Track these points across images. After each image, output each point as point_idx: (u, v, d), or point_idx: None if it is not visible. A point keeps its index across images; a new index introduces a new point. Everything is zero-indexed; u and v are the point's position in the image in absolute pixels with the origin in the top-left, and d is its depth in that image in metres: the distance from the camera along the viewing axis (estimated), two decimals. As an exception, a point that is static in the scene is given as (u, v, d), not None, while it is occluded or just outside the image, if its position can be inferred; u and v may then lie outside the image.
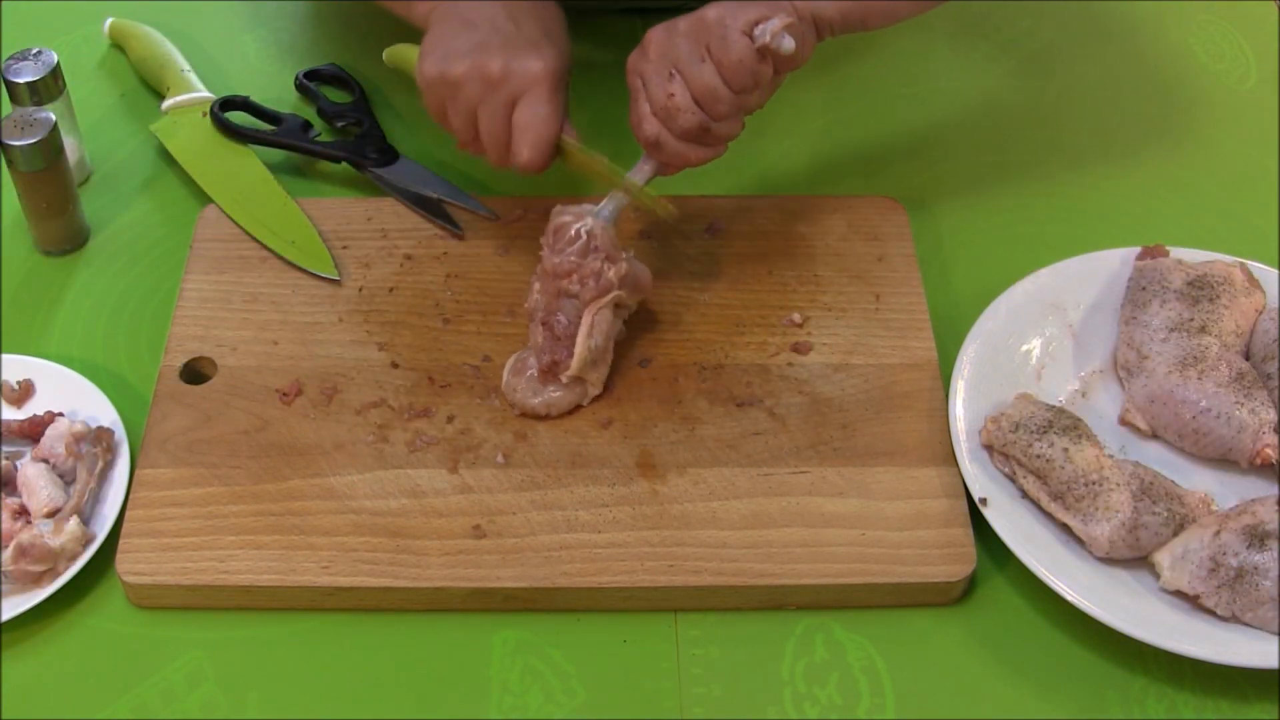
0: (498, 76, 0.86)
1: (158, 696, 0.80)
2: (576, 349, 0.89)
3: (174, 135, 1.08)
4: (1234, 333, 0.91)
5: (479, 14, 0.89)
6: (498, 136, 0.88)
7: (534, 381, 0.90)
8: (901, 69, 1.17)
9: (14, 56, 1.01)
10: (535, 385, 0.90)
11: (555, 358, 0.89)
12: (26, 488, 0.86)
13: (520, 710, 0.80)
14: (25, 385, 0.92)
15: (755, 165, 1.08)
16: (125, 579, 0.83)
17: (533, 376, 0.90)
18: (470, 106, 0.88)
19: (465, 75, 0.87)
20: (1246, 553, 0.80)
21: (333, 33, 1.19)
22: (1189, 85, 1.17)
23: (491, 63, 0.86)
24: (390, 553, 0.83)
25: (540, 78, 0.86)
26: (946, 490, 0.87)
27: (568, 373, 0.89)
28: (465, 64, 0.86)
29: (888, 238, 1.01)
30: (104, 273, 1.01)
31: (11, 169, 0.97)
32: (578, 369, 0.89)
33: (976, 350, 0.92)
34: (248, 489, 0.86)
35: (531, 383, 0.90)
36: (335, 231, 1.01)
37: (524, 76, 0.86)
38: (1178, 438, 0.89)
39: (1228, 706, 0.81)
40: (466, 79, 0.87)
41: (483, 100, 0.87)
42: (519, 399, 0.90)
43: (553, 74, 0.87)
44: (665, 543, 0.84)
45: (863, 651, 0.82)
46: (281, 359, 0.93)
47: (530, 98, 0.87)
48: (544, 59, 0.87)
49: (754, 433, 0.90)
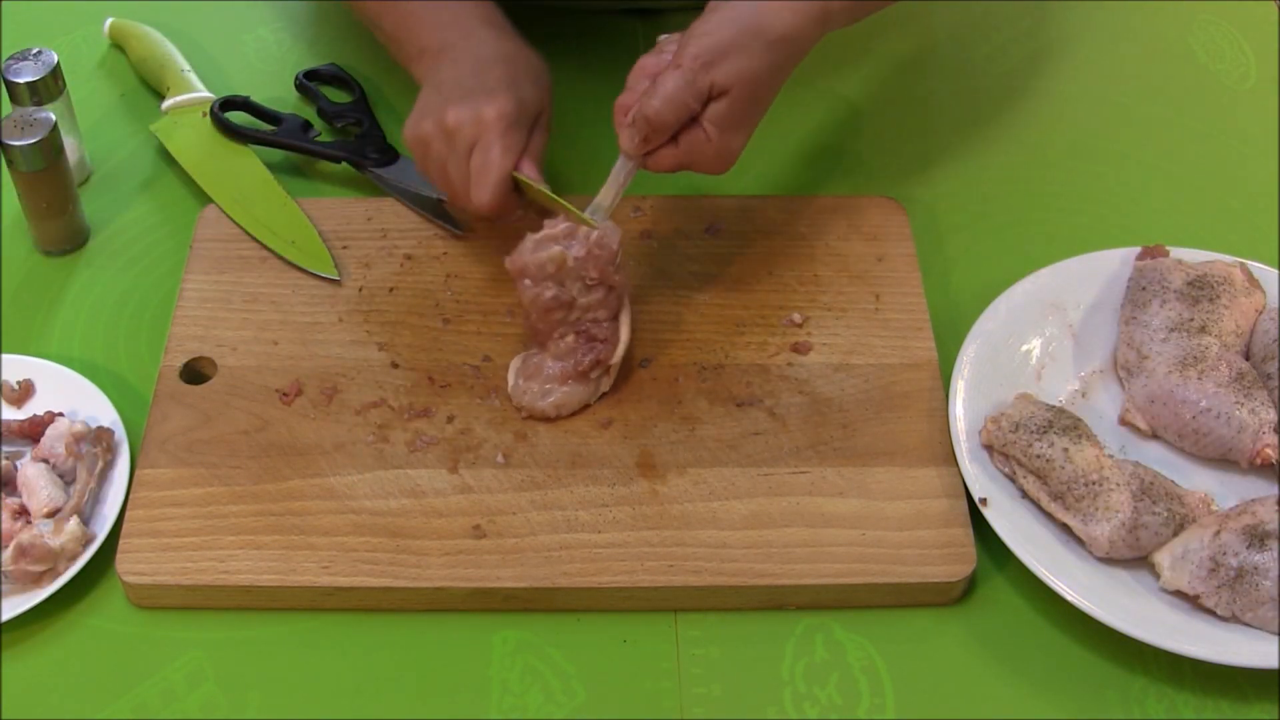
0: (452, 127, 0.90)
1: (158, 696, 0.80)
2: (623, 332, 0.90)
3: (174, 135, 1.08)
4: (1234, 333, 0.91)
5: (448, 74, 0.94)
6: (461, 183, 0.92)
7: (545, 383, 0.90)
8: (901, 69, 1.17)
9: (14, 56, 1.01)
10: (546, 387, 0.90)
11: (598, 356, 0.90)
12: (26, 488, 0.86)
13: (520, 710, 0.80)
14: (25, 385, 0.92)
15: (755, 165, 1.08)
16: (125, 579, 0.83)
17: (549, 376, 0.90)
18: (440, 160, 0.92)
19: (430, 132, 0.91)
20: (1246, 553, 0.80)
21: (333, 33, 1.19)
22: (1189, 85, 1.17)
23: (447, 116, 0.90)
24: (390, 553, 0.83)
25: (490, 123, 0.90)
26: (946, 490, 0.87)
27: (612, 362, 0.90)
28: (429, 122, 0.91)
29: (888, 238, 1.01)
30: (104, 273, 1.01)
31: (11, 169, 0.97)
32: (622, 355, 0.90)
33: (976, 350, 0.92)
34: (248, 489, 0.86)
35: (542, 385, 0.90)
36: (335, 231, 1.01)
37: (475, 124, 0.90)
38: (1178, 438, 0.89)
39: (1228, 706, 0.81)
40: (432, 136, 0.91)
41: (447, 153, 0.91)
42: (528, 401, 0.90)
43: (502, 117, 0.90)
44: (665, 543, 0.84)
45: (863, 651, 0.82)
46: (281, 359, 0.93)
47: (482, 143, 0.90)
48: (495, 104, 0.90)
49: (754, 433, 0.90)
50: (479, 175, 0.90)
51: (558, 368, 0.90)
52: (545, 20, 0.97)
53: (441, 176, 0.93)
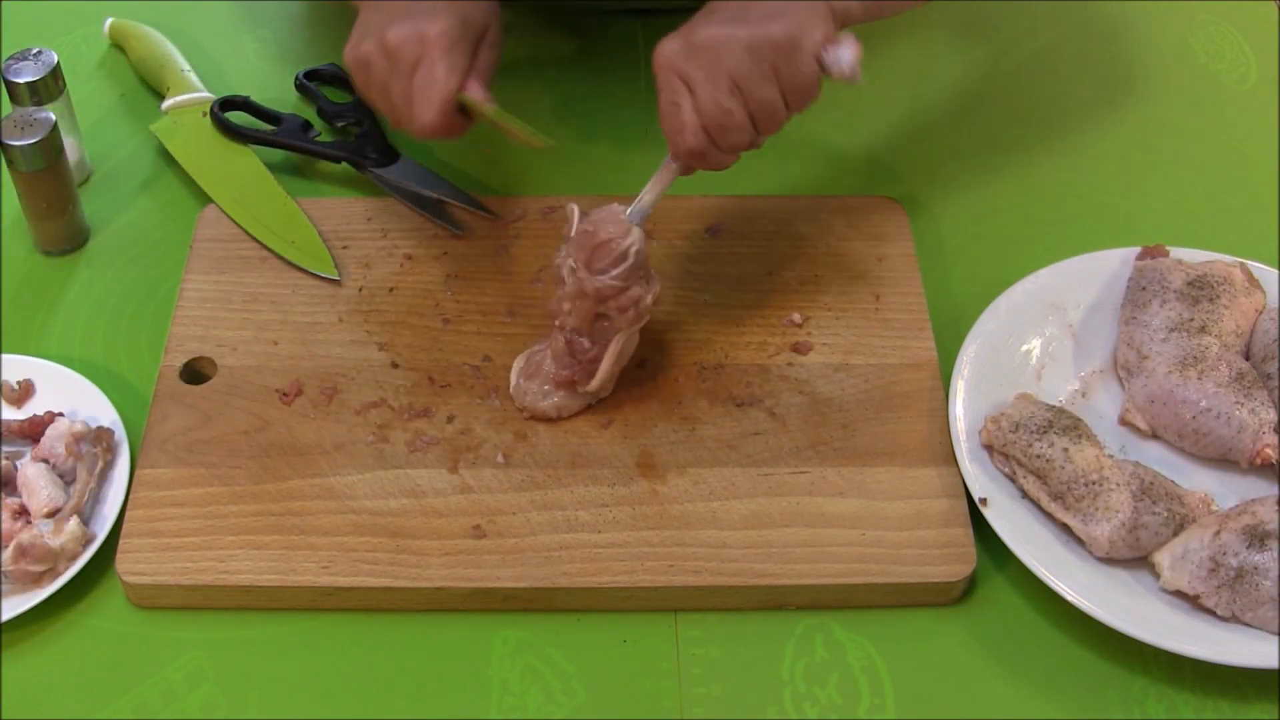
0: (394, 46, 0.88)
1: (158, 696, 0.80)
2: (602, 370, 0.88)
3: (174, 135, 1.08)
4: (1234, 333, 0.91)
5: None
6: (404, 104, 0.89)
7: (544, 384, 0.90)
8: (901, 69, 1.17)
9: (14, 56, 1.01)
10: (546, 388, 0.90)
11: (574, 376, 0.88)
12: (26, 488, 0.86)
13: (520, 710, 0.80)
14: (25, 385, 0.92)
15: (755, 165, 1.07)
16: (125, 579, 0.83)
17: (548, 376, 0.90)
18: (382, 81, 0.89)
19: (370, 53, 0.89)
20: (1246, 553, 0.80)
21: (333, 33, 1.19)
22: (1189, 85, 1.17)
23: (388, 34, 0.88)
24: (390, 553, 0.83)
25: (433, 40, 0.87)
26: (946, 490, 0.87)
27: (587, 389, 0.89)
28: (370, 42, 0.89)
29: (888, 238, 1.01)
30: (104, 273, 1.01)
31: (11, 169, 0.97)
32: (599, 386, 0.88)
33: (976, 350, 0.92)
34: (248, 489, 0.86)
35: (543, 386, 0.90)
36: (335, 231, 1.01)
37: (417, 41, 0.87)
38: (1178, 438, 0.89)
39: (1228, 706, 0.81)
40: (373, 55, 0.89)
41: (390, 73, 0.89)
42: (529, 402, 0.90)
43: (445, 34, 0.87)
44: (665, 543, 0.84)
45: (863, 651, 0.82)
46: (281, 359, 0.93)
47: (425, 61, 0.88)
48: (436, 22, 0.87)
49: (754, 433, 0.90)
50: (422, 95, 0.88)
51: (553, 369, 0.90)
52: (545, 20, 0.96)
53: (384, 98, 0.90)
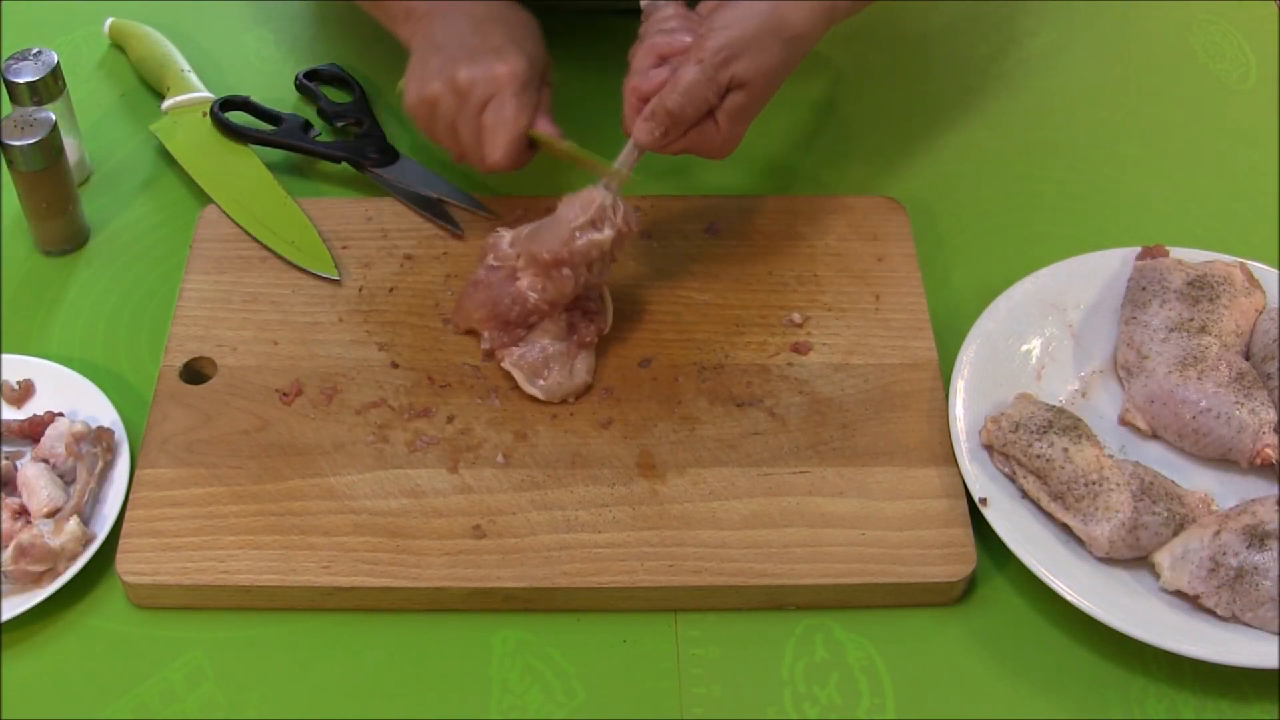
0: (464, 86, 0.91)
1: (158, 696, 0.80)
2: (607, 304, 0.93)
3: (174, 135, 1.08)
4: (1234, 333, 0.91)
5: (446, 34, 0.94)
6: (473, 142, 0.92)
7: (564, 365, 0.91)
8: (901, 69, 1.17)
9: (14, 56, 1.01)
10: (573, 365, 0.91)
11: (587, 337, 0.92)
12: (26, 488, 0.86)
13: (520, 710, 0.80)
14: (25, 385, 0.92)
15: (755, 165, 1.08)
16: (125, 579, 0.83)
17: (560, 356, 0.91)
18: (449, 120, 0.92)
19: (438, 93, 0.92)
20: (1246, 553, 0.80)
21: (333, 33, 1.19)
22: (1189, 85, 1.17)
23: (459, 75, 0.91)
24: (390, 553, 0.83)
25: (504, 81, 0.91)
26: (946, 490, 0.87)
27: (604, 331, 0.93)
28: (437, 83, 0.92)
29: (888, 238, 1.01)
30: (104, 273, 1.01)
31: (11, 169, 0.97)
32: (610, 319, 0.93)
33: (976, 350, 0.92)
34: (248, 489, 0.86)
35: (564, 368, 0.91)
36: (335, 231, 1.01)
37: (488, 82, 0.91)
38: (1178, 438, 0.89)
39: (1228, 706, 0.81)
40: (440, 96, 0.92)
41: (457, 111, 0.92)
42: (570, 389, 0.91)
43: (516, 75, 0.91)
44: (665, 543, 0.84)
45: (863, 651, 0.82)
46: (281, 359, 0.93)
47: (496, 101, 0.91)
48: (507, 63, 0.91)
49: (754, 433, 0.90)
50: (494, 133, 0.91)
51: (563, 347, 0.90)
52: (544, 19, 0.97)
53: (451, 137, 0.93)
